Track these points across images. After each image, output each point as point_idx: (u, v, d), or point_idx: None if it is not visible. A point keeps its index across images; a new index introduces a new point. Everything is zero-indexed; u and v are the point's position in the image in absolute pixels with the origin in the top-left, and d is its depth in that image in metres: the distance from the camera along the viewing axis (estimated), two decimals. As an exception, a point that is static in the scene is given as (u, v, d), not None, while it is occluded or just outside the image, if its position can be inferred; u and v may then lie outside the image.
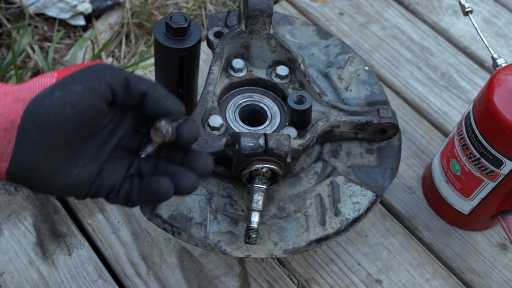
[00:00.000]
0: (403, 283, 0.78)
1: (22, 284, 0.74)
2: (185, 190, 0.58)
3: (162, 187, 0.56)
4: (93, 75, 0.52)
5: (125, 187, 0.58)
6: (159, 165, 0.60)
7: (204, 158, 0.59)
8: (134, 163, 0.59)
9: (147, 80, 0.56)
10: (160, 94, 0.56)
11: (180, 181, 0.57)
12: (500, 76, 0.70)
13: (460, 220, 0.83)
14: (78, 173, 0.54)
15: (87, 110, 0.51)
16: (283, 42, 0.77)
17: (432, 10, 1.12)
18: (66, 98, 0.50)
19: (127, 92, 0.55)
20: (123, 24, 1.16)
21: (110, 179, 0.57)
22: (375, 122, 0.73)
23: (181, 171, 0.58)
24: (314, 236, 0.68)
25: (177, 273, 0.77)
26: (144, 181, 0.58)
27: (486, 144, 0.70)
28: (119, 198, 0.58)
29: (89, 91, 0.51)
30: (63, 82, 0.51)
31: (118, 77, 0.54)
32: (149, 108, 0.56)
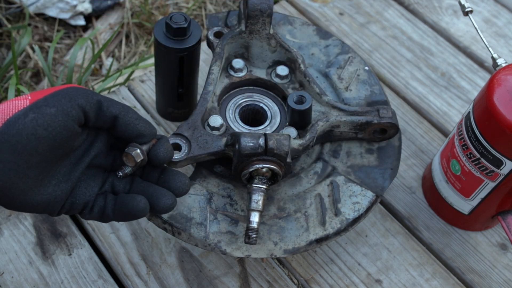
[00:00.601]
0: (403, 283, 0.79)
1: (22, 284, 0.74)
2: (164, 209, 0.60)
3: (139, 205, 0.58)
4: (66, 98, 0.54)
5: (98, 203, 0.60)
6: (135, 183, 0.62)
7: (181, 179, 0.62)
8: (108, 180, 0.61)
9: (120, 103, 0.58)
10: (131, 117, 0.58)
11: (159, 200, 0.60)
12: (500, 76, 0.70)
13: (460, 220, 0.83)
14: (51, 191, 0.56)
15: (59, 132, 0.53)
16: (283, 42, 0.77)
17: (432, 10, 1.12)
18: (39, 120, 0.52)
19: (99, 115, 0.57)
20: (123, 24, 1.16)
21: (83, 196, 0.59)
22: (375, 122, 0.73)
23: (159, 191, 0.60)
24: (314, 236, 0.68)
25: (177, 273, 0.77)
26: (120, 198, 0.59)
27: (486, 144, 0.70)
28: (93, 214, 0.60)
29: (62, 114, 0.53)
30: (37, 105, 0.53)
31: (91, 100, 0.56)
32: (121, 131, 0.58)
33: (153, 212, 0.60)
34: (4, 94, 1.02)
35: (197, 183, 0.70)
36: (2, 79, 1.05)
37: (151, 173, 0.62)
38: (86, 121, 0.56)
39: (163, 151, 0.60)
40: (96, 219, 0.60)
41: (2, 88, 1.04)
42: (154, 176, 0.62)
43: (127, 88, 0.94)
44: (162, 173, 0.62)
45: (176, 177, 0.62)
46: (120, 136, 0.59)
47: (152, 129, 0.60)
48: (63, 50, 1.15)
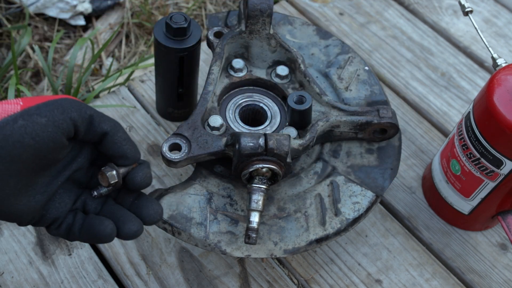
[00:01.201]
0: (403, 283, 0.78)
1: (22, 284, 0.74)
2: (128, 235, 0.58)
3: (105, 230, 0.57)
4: (59, 109, 0.53)
5: (67, 220, 0.58)
6: (106, 204, 0.60)
7: (154, 207, 0.60)
8: (81, 198, 0.60)
9: (112, 120, 0.57)
10: (120, 136, 0.57)
11: (124, 225, 0.58)
12: (500, 76, 0.70)
13: (460, 220, 0.83)
14: (26, 202, 0.54)
15: (46, 143, 0.52)
16: (283, 42, 0.77)
17: (432, 10, 1.12)
18: (28, 128, 0.50)
19: (89, 129, 0.56)
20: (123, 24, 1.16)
21: (55, 210, 0.57)
22: (375, 122, 0.73)
23: (127, 216, 0.58)
24: (314, 236, 0.68)
25: (177, 273, 0.77)
26: (88, 220, 0.58)
27: (486, 144, 0.70)
28: (60, 230, 0.58)
29: (52, 125, 0.52)
30: (28, 112, 0.51)
31: (84, 115, 0.54)
32: (107, 148, 0.57)
33: (118, 237, 0.58)
34: (4, 94, 1.02)
35: (197, 183, 0.70)
36: (2, 79, 1.05)
37: (126, 197, 0.61)
38: (75, 134, 0.55)
39: (141, 176, 0.58)
40: (61, 236, 0.58)
41: (2, 88, 1.04)
42: (128, 201, 0.60)
43: (127, 88, 0.94)
44: (136, 198, 0.60)
45: (149, 204, 0.60)
46: (104, 153, 0.58)
47: (137, 153, 0.59)
48: (63, 50, 1.15)
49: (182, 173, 0.85)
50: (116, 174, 0.57)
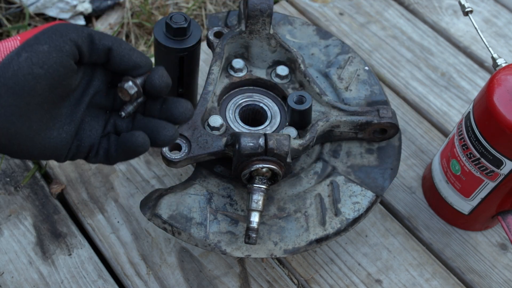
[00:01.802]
0: (403, 283, 0.78)
1: (22, 284, 0.74)
2: (165, 142, 0.58)
3: (137, 140, 0.56)
4: (57, 34, 0.52)
5: (103, 145, 0.58)
6: (136, 120, 0.60)
7: (183, 104, 0.59)
8: (110, 121, 0.59)
9: (111, 36, 0.56)
10: (125, 48, 0.56)
11: (159, 133, 0.58)
12: (500, 76, 0.70)
13: (460, 220, 0.83)
14: (56, 134, 0.54)
15: (56, 69, 0.51)
16: (283, 42, 0.77)
17: (432, 10, 1.12)
18: (33, 59, 0.50)
19: (92, 48, 0.55)
20: (123, 24, 1.16)
21: (88, 138, 0.57)
22: (375, 122, 0.73)
23: (159, 124, 0.58)
24: (314, 236, 0.68)
25: (177, 273, 0.77)
26: (120, 137, 0.58)
27: (486, 144, 0.70)
28: (99, 157, 0.58)
29: (55, 50, 0.51)
30: (28, 43, 0.51)
31: (82, 34, 0.54)
32: (116, 63, 0.56)
33: (156, 146, 0.58)
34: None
35: (197, 183, 0.70)
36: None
37: (153, 106, 0.60)
38: (80, 56, 0.54)
39: (157, 78, 0.57)
40: (101, 162, 0.59)
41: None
42: (156, 109, 0.59)
43: (127, 88, 0.94)
44: (163, 103, 0.59)
45: (178, 104, 0.59)
46: (116, 70, 0.57)
47: (147, 59, 0.58)
48: (63, 50, 1.15)
49: (182, 173, 0.85)
50: (134, 84, 0.57)
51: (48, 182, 0.83)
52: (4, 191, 0.81)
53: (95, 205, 0.81)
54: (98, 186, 0.83)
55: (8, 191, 0.81)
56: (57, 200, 0.81)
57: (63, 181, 0.83)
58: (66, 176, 0.83)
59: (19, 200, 0.81)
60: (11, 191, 0.81)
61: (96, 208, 0.81)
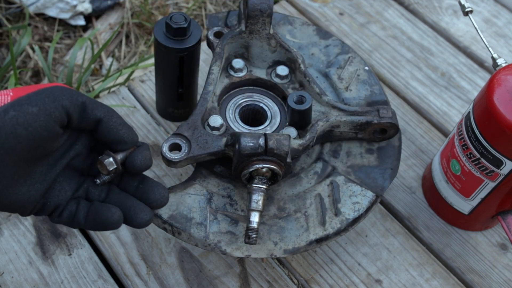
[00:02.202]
0: (403, 283, 0.78)
1: (22, 284, 0.74)
2: (141, 225, 0.59)
3: (113, 217, 0.57)
4: (50, 98, 0.52)
5: (69, 208, 0.58)
6: (111, 192, 0.60)
7: (161, 191, 0.60)
8: (83, 185, 0.59)
9: (105, 106, 0.56)
10: (115, 122, 0.57)
11: (137, 215, 0.58)
12: (500, 76, 0.70)
13: (460, 220, 0.83)
14: (25, 191, 0.54)
15: (39, 132, 0.51)
16: (283, 42, 0.77)
17: (432, 10, 1.12)
18: (19, 119, 0.50)
19: (83, 117, 0.55)
20: (123, 24, 1.16)
21: (55, 198, 0.57)
22: (375, 122, 0.73)
23: (137, 205, 0.59)
24: (314, 236, 0.68)
25: (177, 273, 0.77)
26: (94, 207, 0.58)
27: (486, 144, 0.70)
28: (62, 218, 0.58)
29: (44, 114, 0.51)
30: (18, 102, 0.51)
31: (75, 102, 0.54)
32: (103, 135, 0.57)
33: (129, 225, 0.59)
34: (4, 94, 1.02)
35: (197, 183, 0.70)
36: (2, 79, 1.05)
37: (130, 182, 0.60)
38: (69, 122, 0.54)
39: (140, 159, 0.58)
40: (65, 224, 0.58)
41: (2, 88, 1.04)
42: (132, 186, 0.60)
43: (127, 88, 0.94)
44: (141, 182, 0.60)
45: (155, 188, 0.60)
46: (101, 140, 0.58)
47: (134, 136, 0.58)
48: (63, 50, 1.15)
49: (182, 173, 0.85)
50: (114, 161, 0.57)
51: (48, 182, 0.83)
52: (4, 191, 0.81)
53: (95, 205, 0.81)
54: (98, 186, 0.83)
55: (8, 191, 0.81)
56: (57, 200, 0.81)
57: (63, 181, 0.83)
58: (66, 176, 0.83)
59: (19, 200, 0.80)
60: (11, 191, 0.81)
61: (96, 208, 0.81)
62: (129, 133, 0.58)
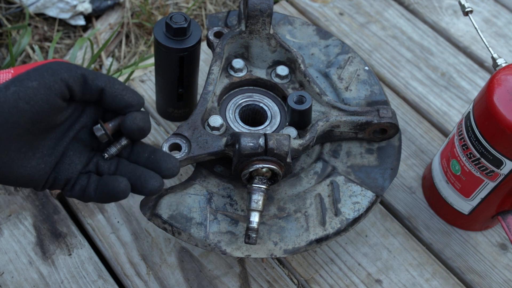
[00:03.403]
0: (403, 283, 0.78)
1: (22, 284, 0.74)
2: (151, 191, 0.59)
3: (120, 186, 0.58)
4: (49, 72, 0.54)
5: (80, 182, 0.59)
6: (121, 165, 0.61)
7: (172, 161, 0.61)
8: (93, 160, 0.61)
9: (105, 75, 0.57)
10: (118, 88, 0.58)
11: (147, 182, 0.59)
12: (500, 76, 0.70)
13: (460, 220, 0.83)
14: (35, 164, 0.56)
15: (41, 105, 0.53)
16: (283, 42, 0.77)
17: (432, 10, 1.12)
18: (20, 93, 0.52)
19: (85, 88, 0.56)
20: (123, 24, 1.16)
21: (65, 172, 0.59)
22: (375, 122, 0.73)
23: (147, 173, 0.60)
24: (314, 236, 0.68)
25: (177, 273, 0.77)
26: (102, 179, 0.59)
27: (486, 144, 0.70)
28: (74, 191, 0.59)
29: (44, 88, 0.53)
30: (18, 78, 0.53)
31: (75, 74, 0.55)
32: (108, 103, 0.58)
33: (140, 194, 0.60)
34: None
35: (197, 183, 0.70)
36: (2, 79, 1.04)
37: (140, 154, 0.61)
38: (71, 95, 0.56)
39: (129, 120, 0.58)
40: (76, 197, 0.60)
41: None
42: (143, 157, 0.61)
43: (127, 88, 0.94)
44: (151, 154, 0.61)
45: (166, 158, 0.61)
46: (108, 108, 0.59)
47: (140, 98, 0.59)
48: (63, 50, 1.15)
49: (182, 173, 0.85)
50: (101, 127, 0.59)
51: (48, 182, 0.83)
52: (4, 191, 0.81)
53: (95, 205, 0.81)
54: (98, 186, 0.83)
55: (8, 191, 0.81)
56: (57, 200, 0.81)
57: (63, 181, 0.83)
58: (66, 176, 0.83)
59: (19, 200, 0.81)
60: (11, 191, 0.81)
61: (96, 208, 0.81)
62: (134, 96, 0.59)
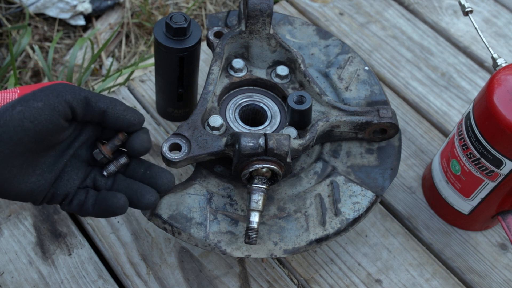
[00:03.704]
0: (403, 283, 0.78)
1: (22, 284, 0.74)
2: (147, 206, 0.62)
3: (118, 203, 0.60)
4: (54, 93, 0.56)
5: (78, 197, 0.62)
6: (118, 179, 0.64)
7: (167, 176, 0.64)
8: (90, 175, 0.63)
9: (107, 97, 0.60)
10: (120, 109, 0.60)
11: (143, 197, 0.62)
12: (500, 76, 0.70)
13: (460, 220, 0.83)
14: (35, 180, 0.58)
15: (45, 125, 0.55)
16: (283, 42, 0.77)
17: (432, 10, 1.12)
18: (26, 113, 0.54)
19: (87, 110, 0.59)
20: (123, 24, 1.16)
21: (64, 187, 0.61)
22: (375, 122, 0.73)
23: (143, 188, 0.62)
24: (314, 236, 0.68)
25: (177, 273, 0.77)
26: (101, 195, 0.61)
27: (486, 144, 0.70)
28: (72, 206, 0.62)
29: (49, 108, 0.55)
30: (24, 98, 0.55)
31: (78, 97, 0.58)
32: (111, 123, 0.61)
33: (136, 208, 0.62)
34: (4, 94, 1.02)
35: (197, 183, 0.70)
36: (2, 79, 1.05)
37: (136, 169, 0.64)
38: (74, 116, 0.58)
39: (138, 143, 0.62)
40: (74, 212, 0.62)
41: (2, 88, 1.04)
42: (139, 172, 0.64)
43: (127, 88, 0.94)
44: (147, 169, 0.64)
45: (162, 174, 0.63)
46: (111, 128, 0.61)
47: (140, 117, 0.62)
48: (63, 50, 1.15)
49: (182, 173, 0.85)
50: (100, 151, 0.62)
51: (48, 182, 0.83)
52: (4, 191, 0.81)
53: (95, 205, 0.81)
54: (98, 186, 0.83)
55: (8, 191, 0.81)
56: (57, 200, 0.81)
57: (63, 181, 0.83)
58: (66, 176, 0.83)
59: (19, 200, 0.80)
60: (11, 191, 0.81)
61: (96, 208, 0.81)
62: (135, 115, 0.61)
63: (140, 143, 0.62)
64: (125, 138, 0.63)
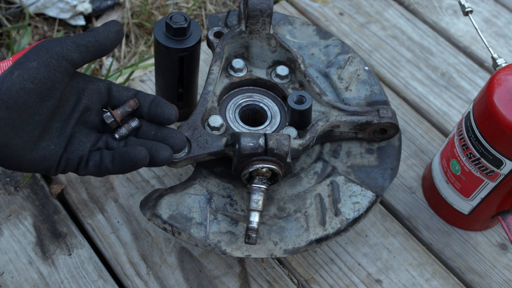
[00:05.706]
0: (403, 283, 0.78)
1: (22, 284, 0.74)
2: (163, 161, 0.62)
3: (140, 154, 0.61)
4: (43, 50, 0.57)
5: (93, 157, 0.62)
6: (130, 140, 0.64)
7: (179, 136, 0.64)
8: (102, 139, 0.64)
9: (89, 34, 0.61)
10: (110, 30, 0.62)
11: (158, 153, 0.62)
12: (500, 76, 0.70)
13: (460, 220, 0.83)
14: (45, 145, 0.59)
15: (44, 82, 0.56)
16: (283, 42, 0.77)
17: (432, 10, 1.12)
18: (24, 75, 0.55)
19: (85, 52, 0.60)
20: (123, 24, 1.16)
21: (76, 150, 0.61)
22: (375, 122, 0.73)
23: (158, 144, 0.63)
24: (314, 236, 0.68)
25: (177, 273, 0.77)
26: (120, 150, 0.62)
27: (486, 144, 0.70)
28: (89, 168, 0.62)
29: (43, 66, 0.56)
30: (19, 62, 0.56)
31: (66, 45, 0.58)
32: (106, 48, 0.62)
33: (152, 164, 0.62)
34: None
35: (197, 183, 0.70)
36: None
37: (147, 132, 0.64)
38: (74, 64, 0.59)
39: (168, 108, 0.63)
40: (92, 174, 0.62)
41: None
42: (150, 135, 0.64)
43: (127, 88, 0.94)
44: (158, 131, 0.64)
45: (173, 133, 0.64)
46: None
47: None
48: (63, 50, 1.15)
49: (182, 173, 0.85)
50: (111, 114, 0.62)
51: (48, 182, 0.83)
52: (4, 191, 0.81)
53: (95, 205, 0.81)
54: (98, 186, 0.83)
55: (8, 191, 0.81)
56: (57, 200, 0.81)
57: (63, 181, 0.83)
58: (66, 176, 0.83)
59: (19, 200, 0.81)
60: (11, 191, 0.81)
61: (96, 208, 0.81)
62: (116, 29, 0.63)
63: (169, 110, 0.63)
64: (136, 105, 0.63)
